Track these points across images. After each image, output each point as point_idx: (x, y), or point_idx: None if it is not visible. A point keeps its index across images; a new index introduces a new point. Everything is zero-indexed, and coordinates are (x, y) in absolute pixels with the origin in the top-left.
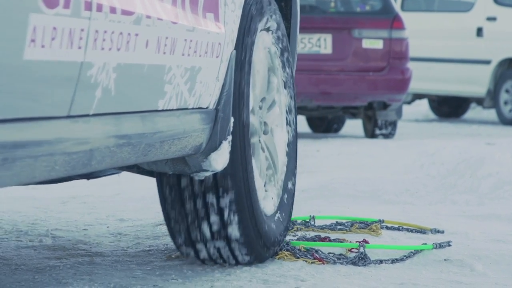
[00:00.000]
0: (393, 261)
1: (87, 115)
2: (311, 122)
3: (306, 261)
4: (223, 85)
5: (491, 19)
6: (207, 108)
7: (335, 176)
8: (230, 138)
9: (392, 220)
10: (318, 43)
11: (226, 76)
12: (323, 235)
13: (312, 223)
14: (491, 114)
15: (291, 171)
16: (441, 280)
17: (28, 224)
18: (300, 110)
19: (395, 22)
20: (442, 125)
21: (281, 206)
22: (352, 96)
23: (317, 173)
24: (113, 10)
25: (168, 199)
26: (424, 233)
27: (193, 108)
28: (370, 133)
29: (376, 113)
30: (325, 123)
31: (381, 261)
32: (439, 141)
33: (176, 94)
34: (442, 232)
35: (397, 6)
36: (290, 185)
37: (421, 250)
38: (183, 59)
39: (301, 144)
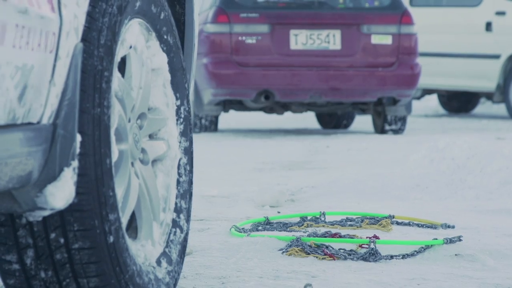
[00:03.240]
0: (404, 256)
1: None
2: (320, 118)
3: (316, 257)
4: (64, 92)
5: (500, 13)
6: (38, 123)
7: (345, 172)
8: (75, 164)
9: (403, 215)
10: (327, 39)
11: (68, 79)
12: (333, 231)
13: (323, 219)
14: (501, 108)
15: (185, 209)
16: (452, 275)
17: None
18: (310, 106)
19: (404, 18)
20: (452, 120)
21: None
22: (361, 92)
23: (327, 169)
24: None
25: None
26: (435, 228)
27: (14, 125)
28: (379, 129)
29: (386, 108)
30: (334, 119)
31: (391, 257)
32: (448, 136)
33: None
34: (453, 227)
35: (405, 1)
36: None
37: (431, 245)
38: (14, 53)
39: (311, 140)
